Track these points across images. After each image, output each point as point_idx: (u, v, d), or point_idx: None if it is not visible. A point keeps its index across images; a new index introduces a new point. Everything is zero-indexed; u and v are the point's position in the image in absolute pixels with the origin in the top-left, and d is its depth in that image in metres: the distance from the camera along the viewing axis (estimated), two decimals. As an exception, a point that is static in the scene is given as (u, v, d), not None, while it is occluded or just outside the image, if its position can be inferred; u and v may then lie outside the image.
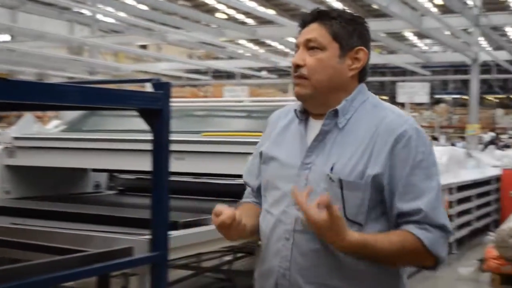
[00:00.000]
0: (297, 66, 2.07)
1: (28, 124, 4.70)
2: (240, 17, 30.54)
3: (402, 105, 27.66)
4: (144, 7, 20.50)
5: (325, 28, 2.06)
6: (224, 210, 1.98)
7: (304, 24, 2.13)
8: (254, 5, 25.01)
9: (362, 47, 2.09)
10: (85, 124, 4.99)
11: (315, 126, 2.09)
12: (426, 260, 1.99)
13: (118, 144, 4.15)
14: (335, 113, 2.05)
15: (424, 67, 30.12)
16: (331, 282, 1.99)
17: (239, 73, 30.96)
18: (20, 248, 3.02)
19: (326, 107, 2.06)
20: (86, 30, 26.63)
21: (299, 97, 2.09)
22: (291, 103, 2.24)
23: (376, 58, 29.81)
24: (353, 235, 1.88)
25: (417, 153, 1.98)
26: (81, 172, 4.81)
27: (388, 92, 36.00)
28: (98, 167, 4.56)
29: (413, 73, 30.21)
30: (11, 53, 23.74)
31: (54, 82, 2.97)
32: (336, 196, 1.96)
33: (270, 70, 32.95)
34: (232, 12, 29.67)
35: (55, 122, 5.15)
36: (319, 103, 2.08)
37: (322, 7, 2.14)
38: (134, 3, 19.96)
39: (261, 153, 2.22)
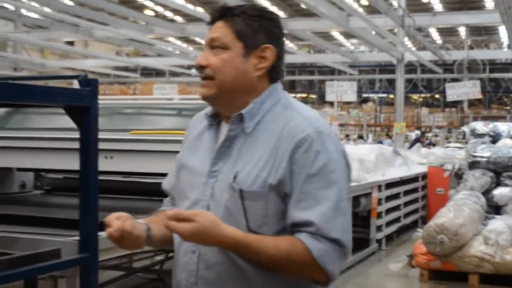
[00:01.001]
0: (201, 67, 1.96)
1: (-51, 122, 4.51)
2: (169, 14, 30.35)
3: (331, 103, 28.04)
4: (70, 3, 20.14)
5: (229, 26, 1.94)
6: (112, 222, 1.87)
7: (210, 22, 2.01)
8: (183, 2, 24.86)
9: (269, 45, 1.95)
10: (9, 121, 4.83)
11: (225, 130, 1.99)
12: (315, 273, 1.84)
13: (44, 143, 4.04)
14: (241, 117, 1.93)
15: (352, 66, 30.62)
16: None
17: (168, 71, 30.76)
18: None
19: (234, 110, 1.95)
20: (10, 25, 25.94)
21: (204, 98, 1.98)
22: None
23: (304, 57, 30.16)
24: (226, 233, 1.78)
25: (317, 159, 1.84)
26: (6, 172, 4.66)
27: (316, 90, 36.48)
28: (23, 166, 4.43)
29: (341, 72, 30.65)
30: None
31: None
32: (238, 207, 1.87)
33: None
34: (160, 9, 29.43)
35: (-23, 120, 4.96)
36: (226, 105, 1.97)
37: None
38: (60, -1, 19.53)
39: (178, 165, 2.13)
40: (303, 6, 14.23)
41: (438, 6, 29.43)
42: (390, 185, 9.39)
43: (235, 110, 1.94)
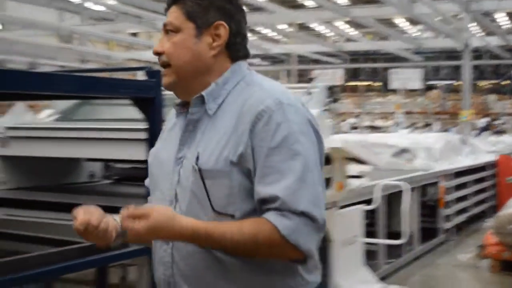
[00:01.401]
0: (157, 54, 1.89)
1: (20, 114, 4.64)
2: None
3: (395, 91, 27.71)
4: (134, -5, 20.36)
5: (180, 8, 1.86)
6: (78, 215, 1.76)
7: (166, 10, 1.93)
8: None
9: (222, 22, 1.85)
10: (78, 113, 4.94)
11: None
12: (289, 252, 1.72)
13: (112, 133, 4.11)
14: (202, 99, 1.84)
15: (416, 53, 30.12)
16: (217, 285, 1.79)
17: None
18: (17, 240, 3.00)
19: (196, 94, 1.86)
20: (76, 18, 26.49)
21: (165, 87, 1.91)
22: None
23: (368, 44, 29.83)
24: (183, 225, 1.69)
25: (279, 130, 1.73)
26: (75, 162, 4.76)
27: (380, 78, 36.05)
28: (92, 157, 4.52)
29: (405, 59, 30.19)
30: (1, 42, 23.57)
31: (47, 71, 2.94)
32: (200, 188, 1.77)
33: (262, 57, 32.90)
34: None
35: (47, 112, 5.09)
36: (186, 90, 1.88)
37: None
38: (124, -9, 19.82)
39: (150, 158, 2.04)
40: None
41: (506, -10, 28.62)
42: (458, 174, 9.20)
43: (197, 94, 1.86)
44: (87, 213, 1.76)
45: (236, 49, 1.89)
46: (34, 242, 2.91)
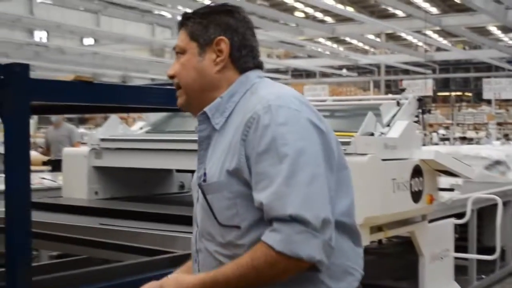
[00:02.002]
0: (170, 77, 1.93)
1: (113, 126, 4.78)
2: (319, 15, 30.42)
3: (488, 101, 26.96)
4: (223, 8, 20.64)
5: (184, 30, 1.90)
6: None
7: (178, 31, 1.97)
8: (332, 2, 24.83)
9: (222, 37, 1.85)
10: (168, 125, 5.05)
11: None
12: (294, 265, 1.61)
13: (201, 145, 4.17)
14: (206, 115, 1.84)
15: (511, 62, 29.24)
16: None
17: (318, 72, 30.85)
18: (109, 248, 3.08)
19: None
20: (167, 32, 27.11)
21: (180, 108, 1.94)
22: (373, 101, 2.08)
23: (459, 53, 29.18)
24: (190, 282, 1.69)
25: (265, 134, 1.67)
26: (166, 173, 4.87)
27: (472, 88, 35.20)
28: (182, 168, 4.60)
29: (498, 68, 29.36)
30: (95, 56, 24.40)
31: (138, 84, 3.03)
32: (205, 204, 1.78)
33: (350, 68, 32.72)
34: (310, 10, 29.56)
35: (139, 124, 5.22)
36: (198, 108, 1.86)
37: (406, 6, 1.84)
38: (213, 4, 20.11)
39: None
40: (457, 1, 13.74)
41: None
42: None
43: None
44: None
45: (243, 61, 1.87)
46: (126, 251, 2.98)
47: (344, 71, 32.66)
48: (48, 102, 2.27)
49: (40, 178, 5.86)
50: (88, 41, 26.97)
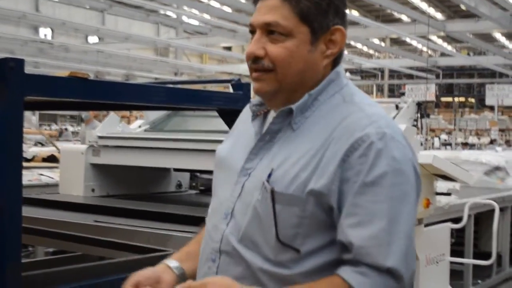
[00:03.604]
0: (256, 58, 1.57)
1: (112, 124, 4.78)
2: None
3: (490, 108, 26.95)
4: (228, 9, 20.70)
5: (290, 5, 1.54)
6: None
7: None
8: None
9: (340, 26, 1.58)
10: (167, 124, 5.05)
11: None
12: None
13: (199, 145, 4.17)
14: (290, 111, 1.57)
15: (514, 68, 29.22)
16: None
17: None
18: (103, 246, 3.08)
19: (290, 104, 1.58)
20: (171, 32, 27.16)
21: (260, 94, 1.61)
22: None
23: (463, 59, 29.15)
24: None
25: (377, 165, 1.44)
26: (164, 172, 4.87)
27: (475, 94, 35.19)
28: (180, 167, 4.60)
29: (502, 75, 29.33)
30: (99, 55, 24.45)
31: (138, 82, 3.05)
32: (268, 211, 1.51)
33: (354, 72, 32.72)
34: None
35: (138, 122, 5.23)
36: (284, 100, 1.59)
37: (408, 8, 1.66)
38: (218, 5, 20.17)
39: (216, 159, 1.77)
40: (462, 7, 13.74)
41: None
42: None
43: (290, 103, 1.58)
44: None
45: (341, 56, 1.64)
46: (120, 248, 2.98)
47: (348, 74, 32.67)
48: (42, 97, 2.27)
49: (38, 175, 5.87)
50: (93, 39, 27.02)
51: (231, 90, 2.96)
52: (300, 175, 1.49)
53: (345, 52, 1.68)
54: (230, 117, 2.76)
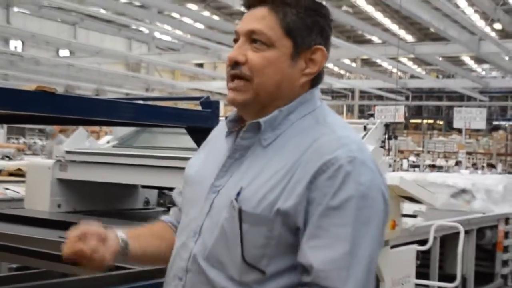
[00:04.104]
0: (236, 63, 1.56)
1: (80, 139, 4.74)
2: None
3: (458, 130, 27.26)
4: (200, 26, 20.73)
5: (276, 17, 1.54)
6: (70, 244, 1.62)
7: (247, 4, 1.60)
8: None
9: (321, 46, 1.57)
10: (136, 140, 5.02)
11: None
12: None
13: (167, 162, 4.15)
14: (258, 125, 1.55)
15: (482, 92, 29.67)
16: None
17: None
18: (67, 262, 3.04)
19: (262, 118, 1.57)
20: (143, 47, 27.10)
21: (234, 103, 1.59)
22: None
23: (432, 82, 29.49)
24: None
25: (343, 189, 1.43)
26: (131, 188, 4.83)
27: (444, 117, 35.60)
28: (148, 184, 4.58)
29: (470, 98, 29.74)
30: (70, 68, 24.30)
31: (104, 97, 3.04)
32: (235, 230, 1.49)
33: (325, 92, 32.91)
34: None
35: (107, 137, 5.19)
36: (256, 112, 1.57)
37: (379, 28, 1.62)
38: (191, 22, 20.20)
39: (185, 177, 1.77)
40: (432, 30, 13.94)
41: None
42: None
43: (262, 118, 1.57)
44: (81, 239, 1.61)
45: (320, 77, 1.64)
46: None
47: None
48: (8, 111, 2.24)
49: (4, 189, 5.79)
50: (64, 52, 26.85)
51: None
52: (268, 195, 1.48)
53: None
54: (198, 135, 2.76)
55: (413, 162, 22.81)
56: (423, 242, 5.76)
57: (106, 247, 1.61)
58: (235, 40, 1.60)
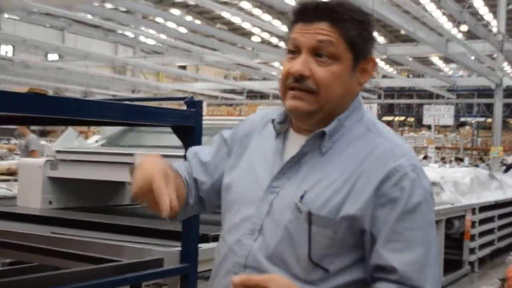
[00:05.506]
0: (301, 77, 1.53)
1: (70, 138, 4.73)
2: (274, 40, 30.63)
3: (428, 127, 27.43)
4: (183, 30, 20.69)
5: (339, 32, 1.53)
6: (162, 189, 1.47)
7: (306, 18, 1.56)
8: (287, 29, 25.04)
9: (373, 57, 1.60)
10: (123, 139, 5.01)
11: (296, 141, 1.61)
12: None
13: (154, 159, 4.15)
14: (322, 134, 1.56)
15: (450, 90, 29.87)
16: None
17: (272, 94, 31.00)
18: (59, 256, 3.03)
19: (320, 126, 1.57)
20: (129, 51, 26.98)
21: (297, 111, 1.56)
22: None
23: (403, 81, 29.66)
24: None
25: (414, 195, 1.48)
26: (119, 185, 4.82)
27: (414, 114, 35.80)
28: (135, 181, 4.56)
29: (439, 96, 29.94)
30: (59, 72, 24.13)
31: (93, 99, 3.03)
32: (301, 231, 1.50)
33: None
34: (266, 35, 29.77)
35: (95, 137, 5.18)
36: (317, 122, 1.57)
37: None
38: (174, 26, 20.14)
39: (236, 177, 1.70)
40: (402, 32, 14.01)
41: (538, 32, 28.32)
42: (484, 208, 9.04)
43: (320, 126, 1.57)
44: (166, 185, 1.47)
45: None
46: (75, 259, 2.94)
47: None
48: (1, 112, 2.23)
49: (-4, 187, 5.75)
50: (53, 56, 26.65)
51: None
52: (332, 198, 1.49)
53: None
54: (183, 133, 2.76)
55: (386, 157, 22.95)
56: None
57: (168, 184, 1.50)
58: (292, 52, 1.58)
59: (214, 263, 1.69)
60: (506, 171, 16.56)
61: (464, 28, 21.57)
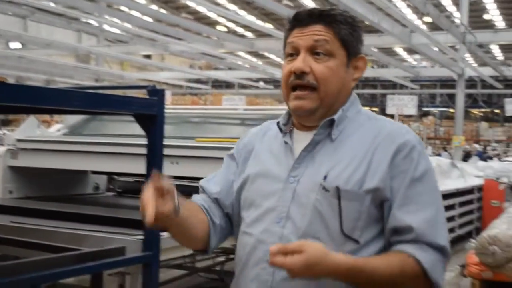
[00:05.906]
0: (302, 73, 1.72)
1: (31, 127, 4.66)
2: (240, 30, 30.58)
3: (391, 116, 27.64)
4: (148, 19, 20.50)
5: (333, 32, 1.74)
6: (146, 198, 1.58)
7: (302, 23, 1.76)
8: (253, 18, 25.05)
9: (363, 55, 1.82)
10: (86, 128, 4.97)
11: (302, 137, 1.78)
12: (421, 284, 1.62)
13: (116, 148, 4.13)
14: (331, 123, 1.75)
15: (413, 81, 30.19)
16: None
17: (237, 83, 30.96)
18: (19, 246, 3.00)
19: (321, 121, 1.75)
20: (93, 40, 26.67)
21: (302, 110, 1.75)
22: (279, 111, 2.05)
23: (368, 71, 29.86)
24: (338, 262, 1.52)
25: (419, 165, 1.68)
26: (81, 174, 4.78)
27: (378, 104, 36.09)
28: (97, 170, 4.53)
29: (402, 86, 30.23)
30: (21, 60, 23.73)
31: (54, 87, 2.99)
32: (332, 207, 1.65)
33: (267, 81, 33.00)
34: (232, 25, 29.71)
35: (57, 126, 5.11)
36: (320, 117, 1.76)
37: None
38: (139, 15, 19.95)
39: (247, 177, 1.84)
40: (367, 22, 14.10)
41: (500, 24, 28.75)
42: (446, 196, 9.17)
43: (321, 121, 1.76)
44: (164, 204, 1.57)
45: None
46: (35, 248, 2.90)
47: (261, 83, 32.90)
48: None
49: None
50: (15, 45, 26.20)
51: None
52: (354, 175, 1.67)
53: (260, 62, 1.78)
54: (145, 122, 2.75)
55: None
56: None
57: (165, 202, 1.58)
58: (290, 54, 1.77)
59: (239, 257, 1.80)
60: (465, 159, 16.83)
61: (427, 19, 21.79)
